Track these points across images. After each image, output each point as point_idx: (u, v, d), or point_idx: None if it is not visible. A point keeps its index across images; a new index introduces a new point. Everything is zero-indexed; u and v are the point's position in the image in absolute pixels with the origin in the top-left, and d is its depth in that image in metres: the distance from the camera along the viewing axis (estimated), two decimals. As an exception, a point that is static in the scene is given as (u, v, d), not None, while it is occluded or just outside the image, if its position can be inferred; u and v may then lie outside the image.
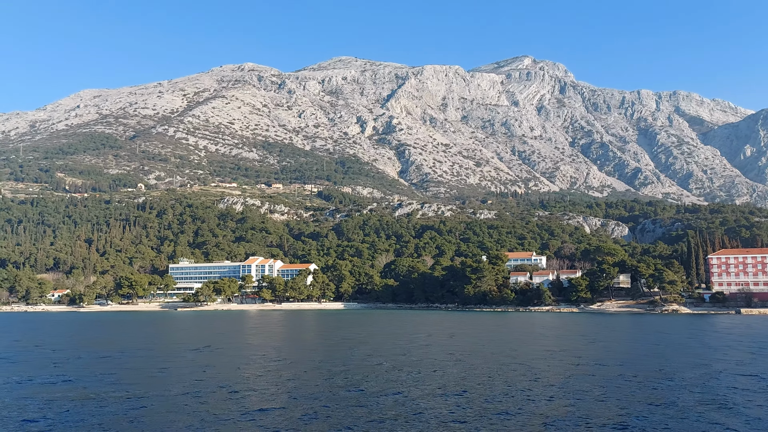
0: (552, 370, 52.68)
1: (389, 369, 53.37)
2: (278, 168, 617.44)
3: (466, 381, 47.14)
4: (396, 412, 36.19)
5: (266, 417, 35.02)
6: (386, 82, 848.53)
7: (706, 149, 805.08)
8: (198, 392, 42.39)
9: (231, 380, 48.09)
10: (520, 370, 52.88)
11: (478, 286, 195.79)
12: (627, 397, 40.11)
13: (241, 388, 44.61)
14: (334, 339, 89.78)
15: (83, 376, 50.86)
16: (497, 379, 48.14)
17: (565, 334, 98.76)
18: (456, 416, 34.89)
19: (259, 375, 51.13)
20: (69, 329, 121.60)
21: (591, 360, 60.21)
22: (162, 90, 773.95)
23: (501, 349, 70.66)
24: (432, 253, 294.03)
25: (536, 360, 59.98)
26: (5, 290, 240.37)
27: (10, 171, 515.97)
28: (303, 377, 49.65)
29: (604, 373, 51.15)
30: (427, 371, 51.80)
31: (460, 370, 53.11)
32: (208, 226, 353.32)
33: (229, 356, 66.77)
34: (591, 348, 73.56)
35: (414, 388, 43.73)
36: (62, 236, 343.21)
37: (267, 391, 43.53)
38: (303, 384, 46.30)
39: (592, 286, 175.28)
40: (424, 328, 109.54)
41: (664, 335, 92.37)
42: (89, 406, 38.02)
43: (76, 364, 59.09)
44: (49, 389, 44.35)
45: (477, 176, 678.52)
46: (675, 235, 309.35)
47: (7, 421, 34.11)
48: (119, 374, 51.78)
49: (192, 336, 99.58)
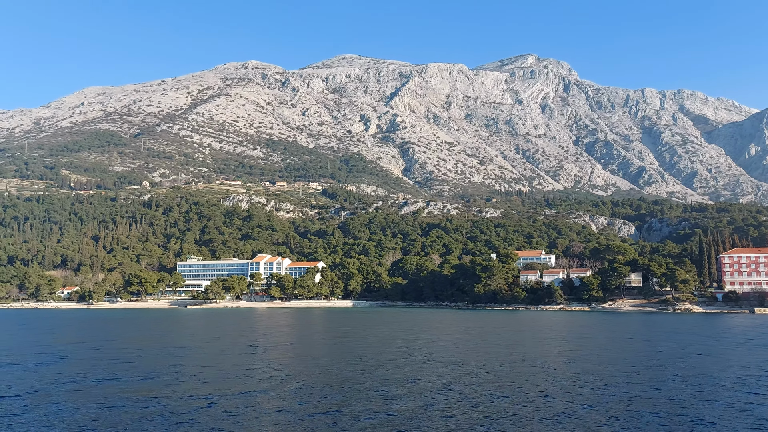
0: (611, 374, 50.37)
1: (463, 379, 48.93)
2: (282, 166, 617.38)
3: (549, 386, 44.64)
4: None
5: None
6: (390, 80, 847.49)
7: (710, 148, 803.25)
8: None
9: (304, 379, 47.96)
10: (586, 378, 49.16)
11: (488, 284, 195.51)
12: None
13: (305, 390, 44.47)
14: (362, 338, 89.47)
15: (178, 372, 51.70)
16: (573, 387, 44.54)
17: (593, 333, 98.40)
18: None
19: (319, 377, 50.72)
20: (97, 326, 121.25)
21: (653, 366, 56.22)
22: (166, 88, 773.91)
23: (548, 350, 70.05)
24: (439, 252, 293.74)
25: (599, 366, 55.79)
26: (15, 287, 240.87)
27: (15, 168, 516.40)
28: (355, 379, 49.17)
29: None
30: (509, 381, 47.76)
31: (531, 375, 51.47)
32: (215, 223, 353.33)
33: (278, 355, 66.73)
34: (643, 352, 68.94)
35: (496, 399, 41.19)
36: (69, 233, 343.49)
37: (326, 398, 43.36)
38: (358, 387, 46.15)
39: (604, 285, 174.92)
40: (448, 327, 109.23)
41: (690, 335, 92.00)
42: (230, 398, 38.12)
43: (151, 361, 59.61)
44: (162, 386, 44.85)
45: (481, 175, 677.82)
46: (683, 234, 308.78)
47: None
48: (209, 371, 52.26)
49: (228, 334, 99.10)
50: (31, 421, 33.96)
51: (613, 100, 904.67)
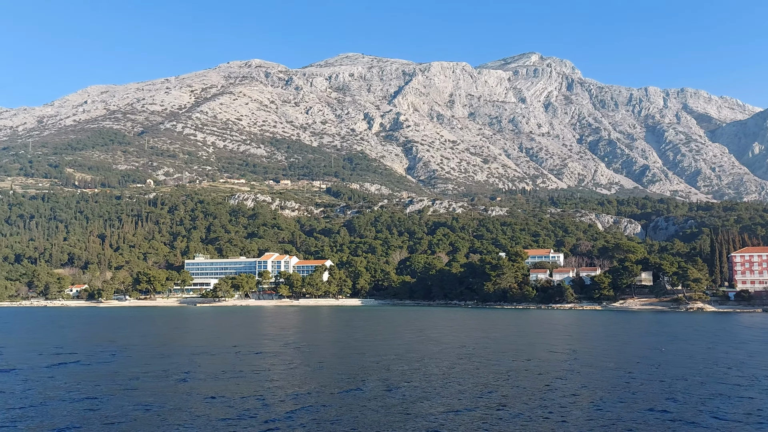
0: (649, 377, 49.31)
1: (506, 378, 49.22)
2: (286, 164, 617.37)
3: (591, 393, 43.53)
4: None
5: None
6: (393, 79, 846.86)
7: (714, 147, 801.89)
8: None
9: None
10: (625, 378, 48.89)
11: (497, 283, 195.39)
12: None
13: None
14: (382, 338, 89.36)
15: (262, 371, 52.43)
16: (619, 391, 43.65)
17: (618, 332, 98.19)
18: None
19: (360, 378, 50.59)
20: (118, 324, 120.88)
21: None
22: (169, 86, 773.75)
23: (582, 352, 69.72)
24: (446, 250, 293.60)
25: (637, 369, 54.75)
26: (24, 285, 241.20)
27: (19, 166, 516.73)
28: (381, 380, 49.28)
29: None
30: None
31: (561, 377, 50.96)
32: (220, 222, 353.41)
33: (326, 355, 66.63)
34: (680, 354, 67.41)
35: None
36: (75, 232, 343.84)
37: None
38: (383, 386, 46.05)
39: (615, 284, 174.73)
40: (472, 327, 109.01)
41: (713, 335, 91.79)
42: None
43: (213, 361, 59.77)
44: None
45: (485, 173, 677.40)
46: (690, 232, 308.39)
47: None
48: (278, 368, 53.12)
49: (263, 332, 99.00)
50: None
51: (616, 99, 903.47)
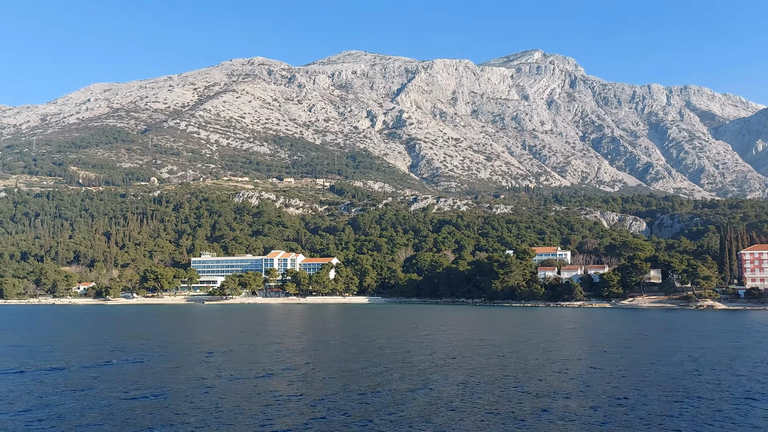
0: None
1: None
2: (289, 162, 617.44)
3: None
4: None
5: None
6: (396, 76, 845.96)
7: (717, 144, 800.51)
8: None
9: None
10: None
11: (505, 281, 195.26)
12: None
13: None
14: (400, 335, 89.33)
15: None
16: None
17: (646, 330, 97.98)
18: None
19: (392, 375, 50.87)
20: (139, 322, 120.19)
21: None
22: (172, 84, 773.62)
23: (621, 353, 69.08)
24: (451, 248, 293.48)
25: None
26: (32, 283, 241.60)
27: (24, 164, 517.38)
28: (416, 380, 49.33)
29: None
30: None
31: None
32: (225, 220, 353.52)
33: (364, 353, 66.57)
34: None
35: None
36: (80, 230, 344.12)
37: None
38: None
39: (624, 282, 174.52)
40: (490, 325, 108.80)
41: (743, 332, 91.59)
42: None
43: (251, 355, 59.83)
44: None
45: (488, 171, 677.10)
46: (696, 230, 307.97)
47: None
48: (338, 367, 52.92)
49: (290, 329, 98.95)
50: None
51: (619, 96, 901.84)
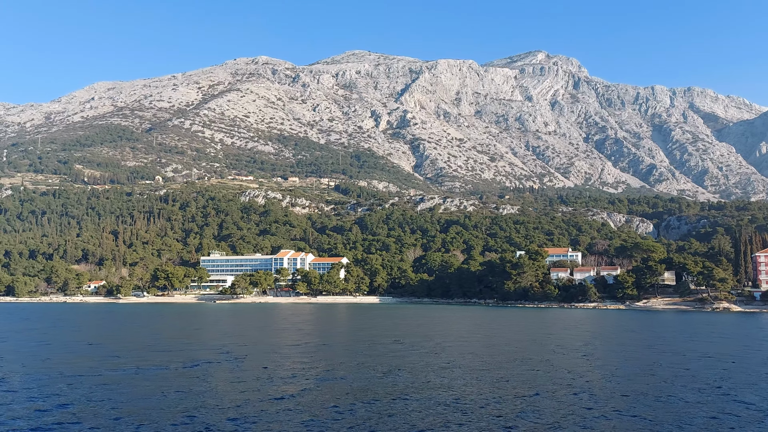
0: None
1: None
2: (294, 161, 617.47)
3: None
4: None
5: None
6: (400, 76, 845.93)
7: (721, 146, 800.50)
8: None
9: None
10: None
11: (518, 281, 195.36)
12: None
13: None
14: (421, 334, 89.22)
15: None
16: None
17: (679, 333, 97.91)
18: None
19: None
20: (169, 320, 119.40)
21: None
22: (176, 83, 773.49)
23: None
24: (460, 248, 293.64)
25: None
26: (42, 281, 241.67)
27: (29, 163, 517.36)
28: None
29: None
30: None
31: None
32: (232, 218, 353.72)
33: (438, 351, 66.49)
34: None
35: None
36: (87, 228, 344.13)
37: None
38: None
39: (638, 283, 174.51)
40: (513, 326, 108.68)
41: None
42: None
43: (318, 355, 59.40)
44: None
45: (491, 171, 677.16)
46: (704, 232, 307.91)
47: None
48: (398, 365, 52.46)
49: (336, 327, 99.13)
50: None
51: (622, 98, 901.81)
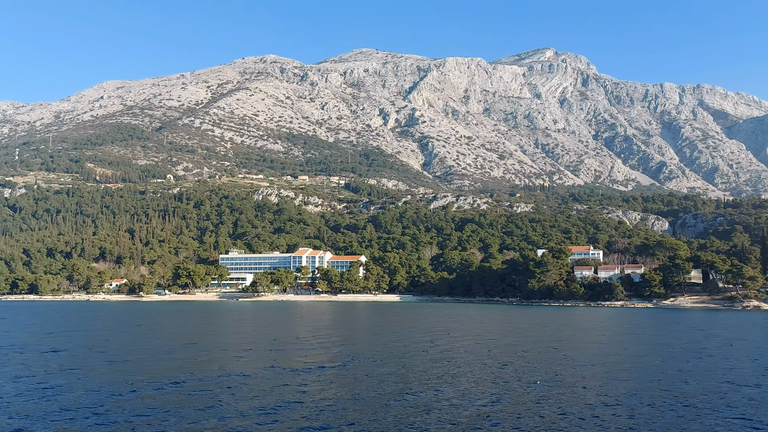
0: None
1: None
2: (303, 160, 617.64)
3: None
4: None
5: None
6: (408, 75, 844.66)
7: (731, 143, 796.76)
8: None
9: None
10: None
11: (542, 280, 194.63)
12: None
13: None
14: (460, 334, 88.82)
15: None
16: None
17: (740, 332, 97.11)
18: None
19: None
20: (219, 319, 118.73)
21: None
22: (185, 82, 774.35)
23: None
24: (476, 247, 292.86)
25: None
26: (64, 279, 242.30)
27: (41, 161, 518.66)
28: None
29: None
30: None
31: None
32: (247, 217, 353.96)
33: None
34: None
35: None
36: (103, 226, 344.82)
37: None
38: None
39: (666, 281, 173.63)
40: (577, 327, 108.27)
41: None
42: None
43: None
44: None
45: (501, 169, 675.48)
46: (722, 230, 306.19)
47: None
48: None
49: (381, 326, 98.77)
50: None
51: (631, 95, 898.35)
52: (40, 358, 56.58)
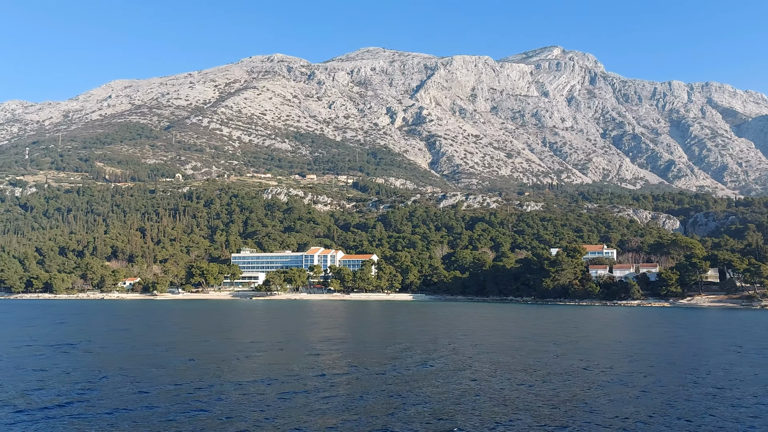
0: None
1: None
2: (311, 159, 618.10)
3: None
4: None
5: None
6: (415, 73, 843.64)
7: (740, 141, 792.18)
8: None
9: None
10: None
11: (557, 279, 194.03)
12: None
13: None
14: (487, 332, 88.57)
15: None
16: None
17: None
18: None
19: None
20: (246, 318, 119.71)
21: None
22: (193, 81, 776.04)
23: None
24: (487, 245, 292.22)
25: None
26: (78, 277, 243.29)
27: (51, 160, 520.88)
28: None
29: None
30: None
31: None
32: (257, 216, 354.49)
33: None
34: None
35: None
36: (114, 225, 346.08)
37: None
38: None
39: (682, 281, 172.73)
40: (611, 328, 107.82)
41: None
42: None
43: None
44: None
45: (509, 168, 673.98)
46: (734, 228, 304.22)
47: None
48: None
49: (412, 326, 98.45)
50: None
51: (640, 93, 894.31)
52: (146, 357, 56.98)
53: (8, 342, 70.78)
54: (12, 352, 60.69)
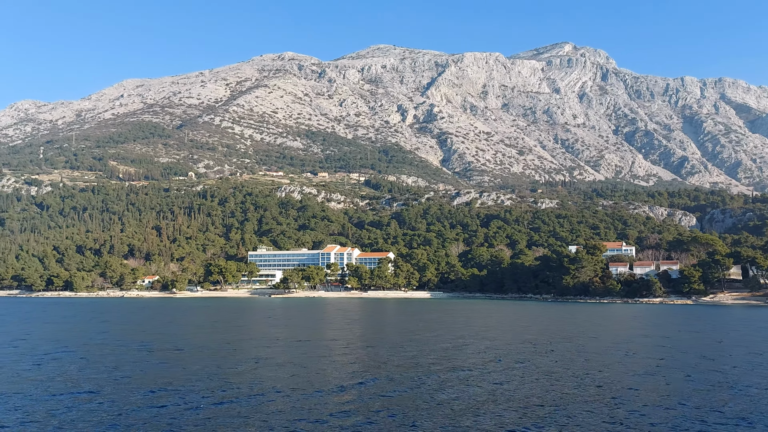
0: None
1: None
2: (322, 157, 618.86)
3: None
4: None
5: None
6: (426, 70, 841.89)
7: (754, 137, 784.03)
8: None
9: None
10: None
11: (576, 276, 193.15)
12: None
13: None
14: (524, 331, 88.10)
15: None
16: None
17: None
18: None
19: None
20: (282, 316, 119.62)
21: None
22: (204, 79, 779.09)
23: None
24: (503, 243, 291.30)
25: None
26: (97, 276, 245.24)
27: (65, 159, 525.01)
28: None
29: None
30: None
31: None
32: (271, 214, 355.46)
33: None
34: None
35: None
36: (130, 224, 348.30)
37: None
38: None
39: (705, 278, 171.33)
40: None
41: None
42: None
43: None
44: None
45: (520, 165, 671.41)
46: (753, 225, 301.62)
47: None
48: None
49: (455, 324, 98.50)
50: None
51: (652, 89, 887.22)
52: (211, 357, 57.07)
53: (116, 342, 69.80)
54: (123, 355, 58.00)
